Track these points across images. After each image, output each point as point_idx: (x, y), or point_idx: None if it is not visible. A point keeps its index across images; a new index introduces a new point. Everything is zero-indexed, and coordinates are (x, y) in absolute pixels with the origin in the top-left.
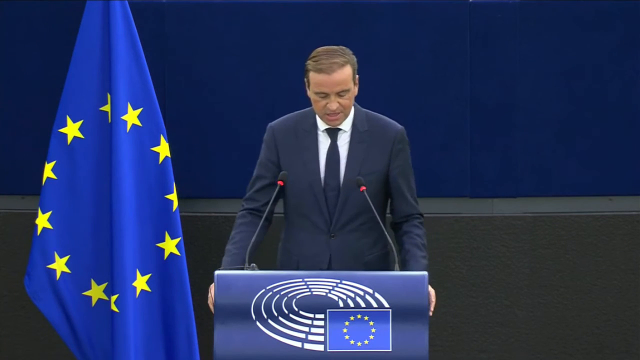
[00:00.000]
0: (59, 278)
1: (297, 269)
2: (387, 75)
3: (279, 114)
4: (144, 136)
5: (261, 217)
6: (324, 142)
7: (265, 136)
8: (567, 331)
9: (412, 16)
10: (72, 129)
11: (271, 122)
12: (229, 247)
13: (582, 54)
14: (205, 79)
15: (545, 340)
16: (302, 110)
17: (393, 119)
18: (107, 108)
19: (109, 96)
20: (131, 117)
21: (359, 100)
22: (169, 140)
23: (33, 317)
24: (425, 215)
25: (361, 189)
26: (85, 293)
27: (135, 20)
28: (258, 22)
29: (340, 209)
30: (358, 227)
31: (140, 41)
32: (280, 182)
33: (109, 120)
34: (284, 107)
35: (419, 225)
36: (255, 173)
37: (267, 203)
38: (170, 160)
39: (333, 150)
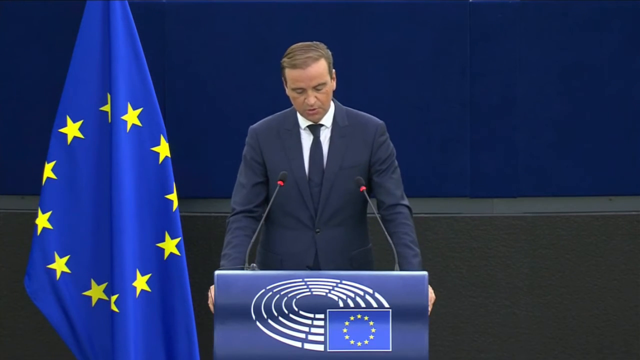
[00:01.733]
0: (59, 278)
1: (281, 267)
2: (387, 75)
3: None
4: (144, 136)
5: (254, 217)
6: (306, 139)
7: (248, 139)
8: (567, 331)
9: (412, 16)
10: (72, 129)
11: (252, 124)
12: (227, 251)
13: (582, 54)
14: (205, 79)
15: (545, 340)
16: (283, 111)
17: (393, 119)
18: (107, 108)
19: (109, 96)
20: (131, 117)
21: (359, 99)
22: (169, 140)
23: (33, 317)
24: (425, 215)
25: (361, 189)
26: (85, 293)
27: (135, 20)
28: (258, 22)
29: (324, 203)
30: (342, 221)
31: (140, 41)
32: (280, 183)
33: (109, 120)
34: (283, 107)
35: (405, 222)
36: (241, 175)
37: (260, 204)
38: (170, 160)
39: (316, 145)
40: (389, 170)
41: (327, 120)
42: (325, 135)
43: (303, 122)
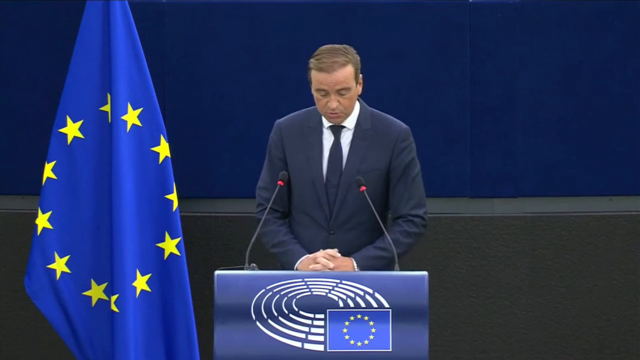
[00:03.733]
0: (59, 278)
1: None
2: (387, 75)
3: (279, 114)
4: (144, 136)
5: (284, 218)
6: (328, 139)
7: (272, 133)
8: (567, 331)
9: (412, 16)
10: (72, 129)
11: (279, 119)
12: (282, 238)
13: (582, 54)
14: (205, 79)
15: (545, 340)
16: (309, 108)
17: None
18: (107, 108)
19: (109, 96)
20: (131, 117)
21: (362, 99)
22: (169, 140)
23: (33, 317)
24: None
25: (361, 189)
26: (85, 293)
27: (135, 20)
28: (258, 22)
29: (339, 205)
30: (357, 225)
31: (140, 41)
32: (280, 182)
33: (109, 120)
34: (284, 107)
35: (396, 230)
36: (265, 171)
37: (285, 203)
38: (170, 160)
39: (336, 147)
40: (406, 179)
41: (350, 122)
42: (346, 137)
43: (326, 122)
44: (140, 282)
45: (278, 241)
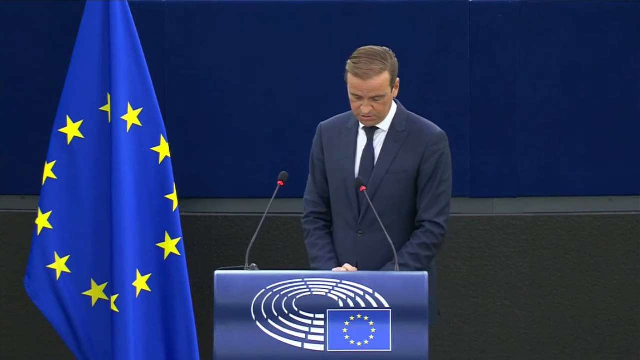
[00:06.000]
0: (59, 278)
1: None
2: None
3: (280, 114)
4: (144, 136)
5: (325, 220)
6: (362, 140)
7: (315, 136)
8: (567, 331)
9: (412, 16)
10: (72, 129)
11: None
12: (317, 253)
13: (582, 54)
14: (205, 79)
15: (545, 340)
16: (351, 110)
17: None
18: (107, 108)
19: (109, 96)
20: (131, 117)
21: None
22: (169, 140)
23: (33, 317)
24: None
25: (361, 189)
26: (85, 293)
27: (135, 20)
28: (258, 22)
29: (367, 205)
30: (386, 226)
31: (140, 41)
32: (280, 182)
33: (109, 120)
34: (283, 107)
35: (419, 235)
36: (310, 174)
37: (329, 203)
38: (170, 160)
39: (368, 148)
40: (433, 184)
41: (385, 124)
42: (380, 138)
43: (362, 123)
44: (140, 282)
45: (314, 256)
